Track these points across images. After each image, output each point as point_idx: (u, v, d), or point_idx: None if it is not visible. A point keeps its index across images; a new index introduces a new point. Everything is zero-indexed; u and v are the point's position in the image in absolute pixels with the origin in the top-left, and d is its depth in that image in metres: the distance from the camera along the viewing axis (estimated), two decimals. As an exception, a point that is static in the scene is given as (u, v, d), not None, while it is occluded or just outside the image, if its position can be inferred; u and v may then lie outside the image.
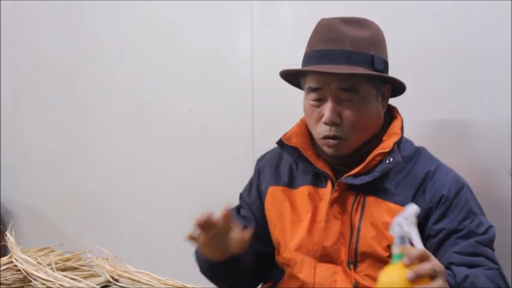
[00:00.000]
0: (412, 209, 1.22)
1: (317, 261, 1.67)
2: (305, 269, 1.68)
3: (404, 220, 1.19)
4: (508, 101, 1.88)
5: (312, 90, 1.65)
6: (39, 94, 2.79)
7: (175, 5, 2.45)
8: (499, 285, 1.56)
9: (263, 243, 1.79)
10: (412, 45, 2.00)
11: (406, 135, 1.77)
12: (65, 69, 2.72)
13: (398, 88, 1.72)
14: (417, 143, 1.77)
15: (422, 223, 1.63)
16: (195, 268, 1.75)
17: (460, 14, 1.94)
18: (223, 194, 1.94)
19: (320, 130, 1.65)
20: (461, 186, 1.66)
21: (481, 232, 1.62)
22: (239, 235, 1.52)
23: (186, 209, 2.42)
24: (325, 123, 1.63)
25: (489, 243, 1.63)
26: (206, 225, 1.47)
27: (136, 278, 1.53)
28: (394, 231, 1.19)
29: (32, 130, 2.82)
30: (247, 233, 1.52)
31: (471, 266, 1.56)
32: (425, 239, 1.60)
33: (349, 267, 1.65)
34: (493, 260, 1.61)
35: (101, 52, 2.63)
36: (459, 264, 1.54)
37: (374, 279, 1.62)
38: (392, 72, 1.73)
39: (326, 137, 1.64)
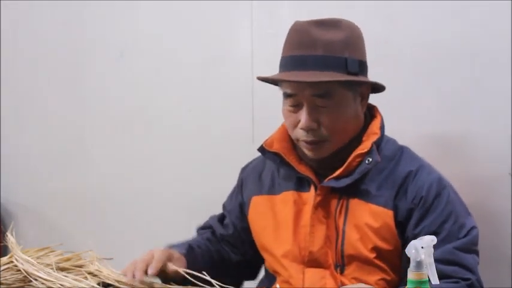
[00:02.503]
0: (430, 239, 1.20)
1: (305, 267, 1.66)
2: (294, 275, 1.67)
3: (422, 249, 1.18)
4: (508, 102, 1.87)
5: (287, 96, 1.65)
6: (39, 94, 2.79)
7: (175, 5, 2.45)
8: None
9: (238, 252, 1.82)
10: (412, 45, 2.00)
11: (406, 135, 1.77)
12: (65, 69, 2.72)
13: (377, 85, 1.70)
14: (416, 143, 1.77)
15: (403, 224, 1.63)
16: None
17: (460, 14, 1.94)
18: (223, 193, 1.95)
19: (298, 135, 1.65)
20: (442, 187, 1.64)
21: (461, 235, 1.60)
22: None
23: (186, 208, 2.43)
24: (302, 129, 1.62)
25: (469, 247, 1.61)
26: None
27: (123, 280, 1.53)
28: (411, 253, 1.18)
29: (32, 130, 2.82)
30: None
31: (443, 276, 1.52)
32: (406, 241, 1.56)
33: (337, 271, 1.64)
34: (468, 268, 1.58)
35: (101, 52, 2.63)
36: None
37: (361, 281, 1.61)
38: (391, 72, 1.73)
39: (305, 142, 1.64)
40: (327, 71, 1.58)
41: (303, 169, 1.68)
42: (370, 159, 1.62)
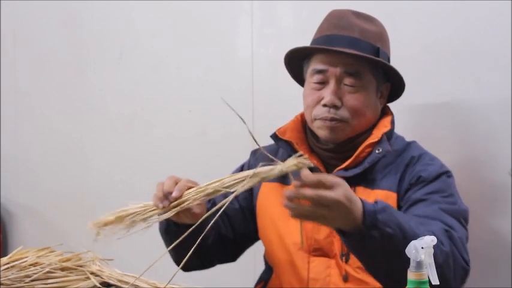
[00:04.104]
0: (430, 239, 1.20)
1: (310, 256, 1.68)
2: (299, 263, 1.68)
3: (422, 249, 1.18)
4: (508, 101, 1.87)
5: (316, 72, 1.67)
6: (39, 94, 2.79)
7: (175, 5, 2.45)
8: (440, 241, 1.46)
9: (228, 227, 1.77)
10: (412, 45, 2.00)
11: (407, 135, 1.77)
12: (65, 69, 2.72)
13: (395, 90, 1.74)
14: (416, 142, 1.77)
15: (399, 204, 1.64)
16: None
17: (460, 14, 1.94)
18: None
19: (317, 112, 1.67)
20: (442, 172, 1.65)
21: (449, 203, 1.60)
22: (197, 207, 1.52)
23: (186, 209, 2.42)
24: (325, 105, 1.65)
25: (455, 214, 1.58)
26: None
27: (125, 280, 1.53)
28: (411, 254, 1.18)
29: (32, 130, 2.82)
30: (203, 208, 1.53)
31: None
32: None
33: (342, 260, 1.65)
34: (450, 226, 1.54)
35: (101, 52, 2.63)
36: None
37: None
38: (392, 72, 1.73)
39: (324, 119, 1.65)
40: (361, 52, 1.64)
41: (313, 159, 1.69)
42: (380, 149, 1.64)
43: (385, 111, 1.75)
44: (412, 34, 2.01)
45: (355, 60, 1.63)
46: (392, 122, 1.72)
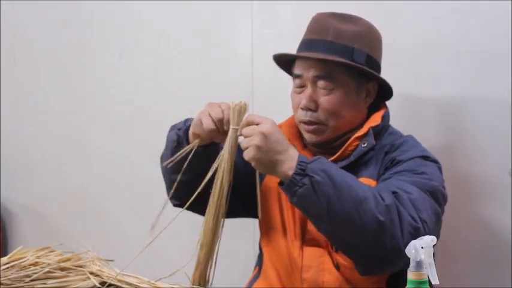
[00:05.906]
0: (429, 239, 1.20)
1: (304, 245, 1.70)
2: (294, 252, 1.71)
3: (422, 249, 1.18)
4: (508, 101, 1.87)
5: (295, 77, 1.73)
6: (39, 94, 2.79)
7: (175, 5, 2.45)
8: (380, 196, 1.48)
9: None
10: (412, 45, 2.01)
11: (405, 134, 1.77)
12: (65, 69, 2.72)
13: (386, 88, 1.74)
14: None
15: None
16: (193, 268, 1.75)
17: (460, 14, 1.94)
18: (223, 194, 1.94)
19: (298, 115, 1.72)
20: (419, 155, 1.65)
21: (416, 177, 1.59)
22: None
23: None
24: (302, 109, 1.70)
25: (418, 184, 1.57)
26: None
27: (125, 280, 1.53)
28: (410, 253, 1.18)
29: (32, 130, 2.82)
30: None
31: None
32: None
33: (332, 249, 1.67)
34: (404, 190, 1.53)
35: (101, 52, 2.63)
36: None
37: None
38: (392, 72, 1.73)
39: (302, 122, 1.71)
40: (333, 55, 1.66)
41: (305, 154, 1.70)
42: (366, 143, 1.67)
43: (379, 108, 1.76)
44: (412, 34, 2.01)
45: (326, 63, 1.67)
46: (385, 117, 1.73)
